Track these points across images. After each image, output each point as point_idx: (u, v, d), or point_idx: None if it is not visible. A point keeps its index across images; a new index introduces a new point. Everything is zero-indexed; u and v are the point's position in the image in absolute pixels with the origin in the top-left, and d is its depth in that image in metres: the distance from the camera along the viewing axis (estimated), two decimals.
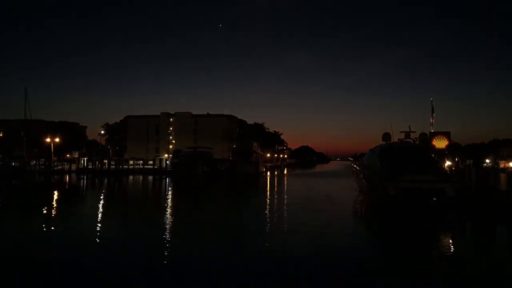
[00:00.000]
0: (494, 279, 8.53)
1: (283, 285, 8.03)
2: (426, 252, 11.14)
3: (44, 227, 15.06)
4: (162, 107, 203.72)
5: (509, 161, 74.26)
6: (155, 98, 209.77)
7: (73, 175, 58.67)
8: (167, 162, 71.25)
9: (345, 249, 11.30)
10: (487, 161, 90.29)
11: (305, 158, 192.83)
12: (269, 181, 47.81)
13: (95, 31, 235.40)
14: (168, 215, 18.78)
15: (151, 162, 78.43)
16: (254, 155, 69.67)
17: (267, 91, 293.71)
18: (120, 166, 70.97)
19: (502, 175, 25.04)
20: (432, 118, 31.35)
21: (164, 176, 55.53)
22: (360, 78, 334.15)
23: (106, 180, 49.14)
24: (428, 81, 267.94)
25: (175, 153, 67.88)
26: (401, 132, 26.37)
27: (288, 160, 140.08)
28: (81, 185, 42.77)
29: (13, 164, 62.17)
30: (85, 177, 55.16)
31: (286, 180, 52.09)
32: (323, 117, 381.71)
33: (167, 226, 15.47)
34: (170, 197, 29.22)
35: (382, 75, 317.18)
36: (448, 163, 32.06)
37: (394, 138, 26.35)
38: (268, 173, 70.07)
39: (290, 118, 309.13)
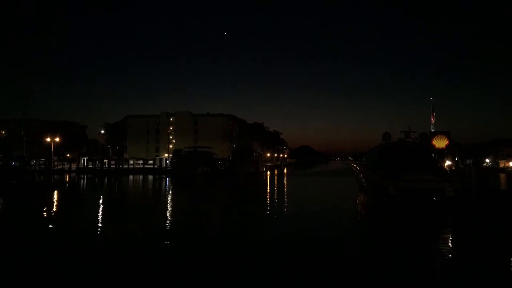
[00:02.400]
0: (494, 279, 8.53)
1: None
2: (425, 252, 11.14)
3: (42, 228, 15.05)
4: (162, 107, 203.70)
5: (509, 161, 74.29)
6: (155, 98, 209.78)
7: (73, 175, 58.69)
8: (167, 161, 71.34)
9: (345, 249, 11.32)
10: (487, 160, 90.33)
11: (305, 158, 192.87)
12: (269, 181, 47.78)
13: (95, 32, 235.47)
14: (168, 216, 18.79)
15: (151, 161, 78.55)
16: (254, 154, 69.73)
17: (268, 91, 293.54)
18: (120, 166, 71.05)
19: (502, 175, 25.08)
20: (432, 118, 31.38)
21: (164, 176, 55.55)
22: (360, 78, 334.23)
23: (106, 179, 49.16)
24: (428, 81, 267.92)
25: (175, 152, 67.95)
26: (401, 131, 26.37)
27: (288, 160, 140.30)
28: (81, 184, 42.78)
29: (13, 164, 62.20)
30: (85, 176, 55.18)
31: (286, 180, 52.09)
32: (323, 117, 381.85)
33: (167, 227, 15.48)
34: (169, 197, 29.22)
35: (382, 75, 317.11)
36: (448, 162, 32.06)
37: (394, 138, 26.33)
38: (268, 172, 70.08)
39: (290, 118, 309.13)
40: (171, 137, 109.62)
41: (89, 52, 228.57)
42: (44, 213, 18.52)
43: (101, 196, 29.09)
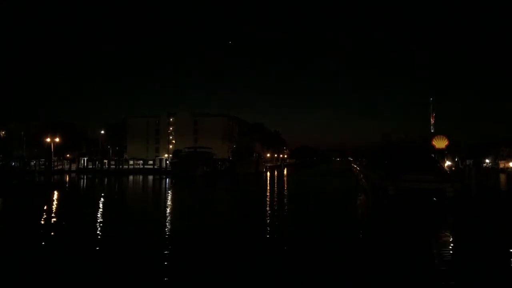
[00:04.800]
0: (494, 279, 8.54)
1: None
2: (425, 252, 11.16)
3: (42, 228, 15.06)
4: (162, 107, 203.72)
5: (509, 161, 74.19)
6: (155, 98, 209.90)
7: (73, 175, 58.67)
8: (167, 162, 71.29)
9: (345, 249, 11.33)
10: (487, 161, 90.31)
11: (305, 158, 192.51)
12: (269, 181, 47.76)
13: (95, 31, 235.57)
14: (168, 216, 18.81)
15: (151, 162, 78.49)
16: (254, 155, 69.75)
17: (267, 91, 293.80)
18: (120, 166, 70.99)
19: (502, 175, 25.09)
20: (432, 118, 31.45)
21: (164, 176, 55.50)
22: (360, 78, 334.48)
23: (106, 180, 49.14)
24: (428, 81, 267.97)
25: (175, 153, 67.90)
26: (401, 132, 26.46)
27: (288, 160, 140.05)
28: (81, 185, 42.77)
29: (13, 164, 62.18)
30: (85, 177, 55.17)
31: (287, 180, 52.06)
32: (323, 117, 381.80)
33: (167, 227, 15.49)
34: (169, 197, 29.23)
35: (382, 75, 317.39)
36: (448, 163, 32.08)
37: (394, 138, 26.40)
38: (268, 173, 69.99)
39: (290, 118, 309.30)
40: (171, 137, 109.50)
41: (89, 52, 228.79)
42: (44, 213, 18.52)
43: (101, 197, 29.08)
